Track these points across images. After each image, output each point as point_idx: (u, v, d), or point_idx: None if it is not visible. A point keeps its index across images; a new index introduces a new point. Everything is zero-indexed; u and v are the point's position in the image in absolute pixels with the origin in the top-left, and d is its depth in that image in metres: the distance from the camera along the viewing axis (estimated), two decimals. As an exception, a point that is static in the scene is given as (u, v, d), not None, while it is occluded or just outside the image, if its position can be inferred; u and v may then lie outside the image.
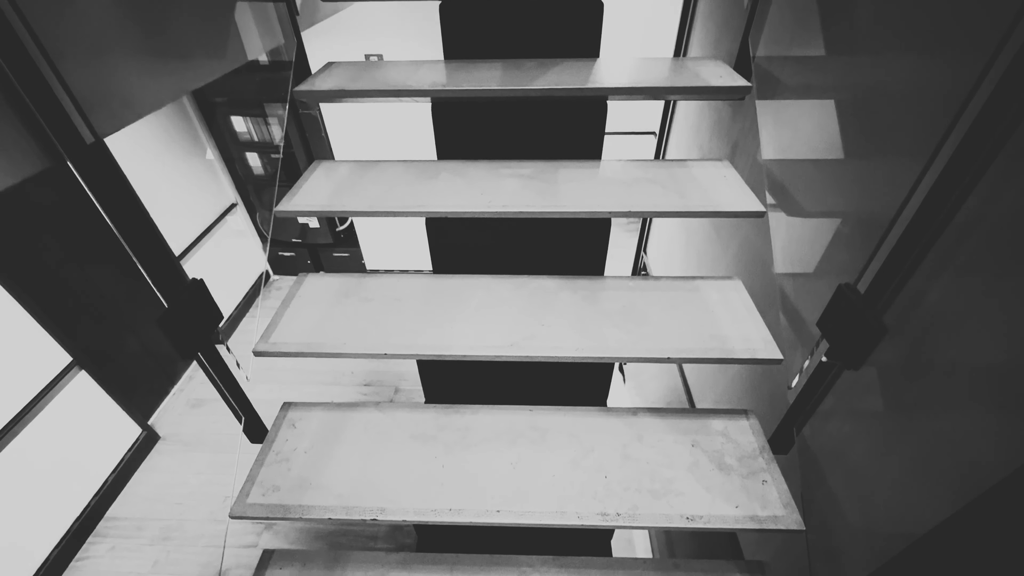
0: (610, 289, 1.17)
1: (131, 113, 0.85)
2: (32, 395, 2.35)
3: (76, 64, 0.74)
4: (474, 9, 1.34)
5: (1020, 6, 0.55)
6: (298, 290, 1.17)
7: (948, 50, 0.70)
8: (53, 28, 0.70)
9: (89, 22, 0.78)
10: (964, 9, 0.66)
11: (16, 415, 2.27)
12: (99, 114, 0.78)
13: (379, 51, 3.49)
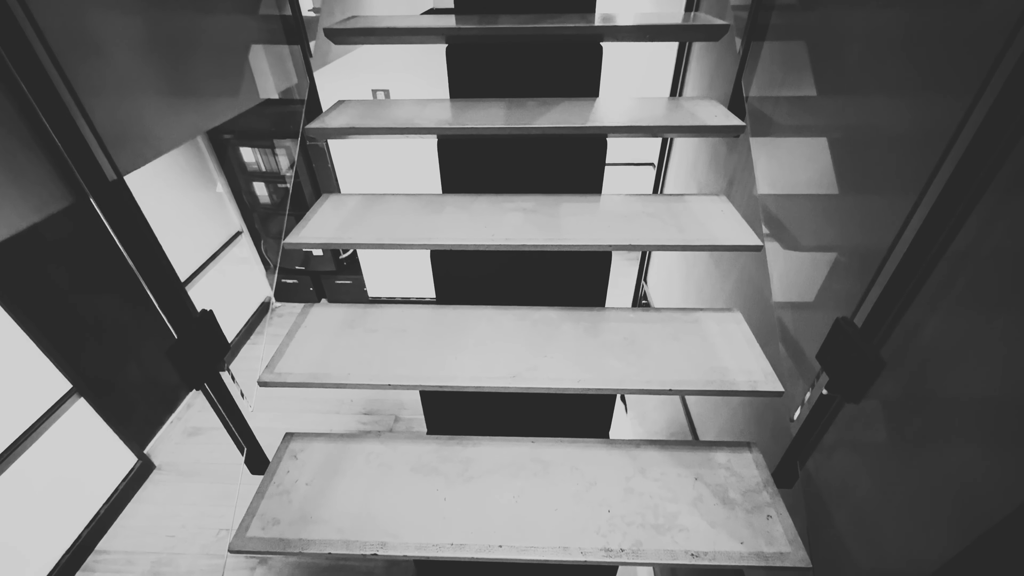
0: (611, 320, 1.18)
1: (151, 151, 0.89)
2: (30, 423, 2.34)
3: (101, 103, 0.78)
4: (479, 52, 1.40)
5: (1001, 49, 0.58)
6: (303, 320, 1.19)
7: (934, 91, 0.73)
8: (81, 67, 0.74)
9: (115, 62, 0.82)
10: (948, 52, 0.70)
11: (12, 444, 2.25)
12: (121, 152, 0.81)
13: (386, 86, 3.62)
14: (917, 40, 0.76)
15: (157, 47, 0.92)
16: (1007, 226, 0.61)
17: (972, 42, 0.65)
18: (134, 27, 0.86)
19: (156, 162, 3.49)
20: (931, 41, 0.73)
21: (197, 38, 1.02)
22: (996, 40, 0.59)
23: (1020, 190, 0.59)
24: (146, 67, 0.90)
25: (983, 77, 0.61)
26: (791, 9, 1.17)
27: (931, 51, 0.73)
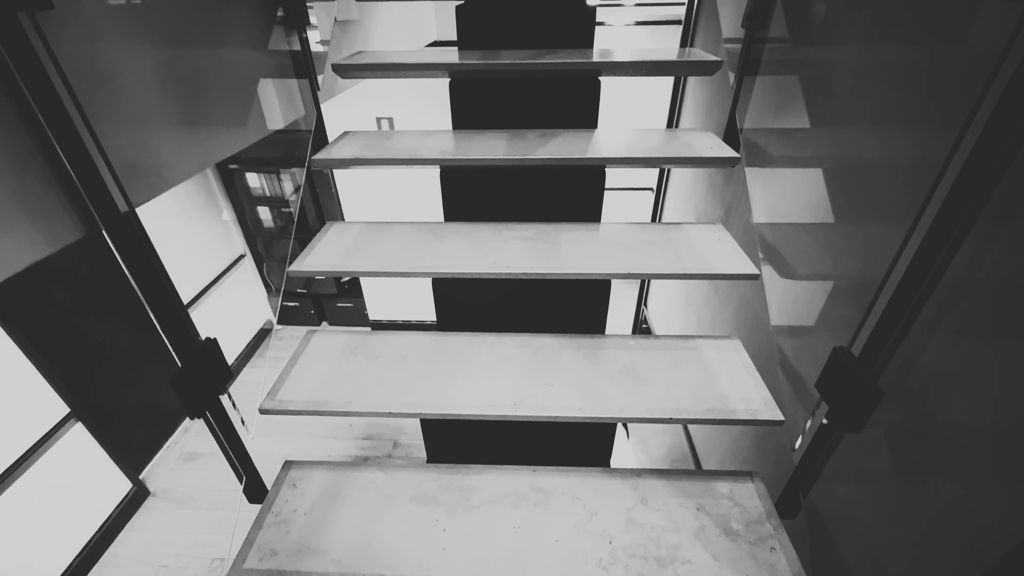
0: (611, 348, 1.19)
1: (162, 183, 0.91)
2: (26, 448, 2.31)
3: (116, 136, 0.80)
4: (481, 86, 1.45)
5: (985, 83, 0.60)
6: (305, 347, 1.20)
7: (923, 122, 0.74)
8: (97, 102, 0.76)
9: (130, 97, 0.86)
10: (935, 85, 0.72)
11: (6, 470, 2.23)
12: (134, 184, 0.84)
13: (390, 114, 3.71)
14: (904, 74, 0.79)
15: (172, 81, 0.95)
16: (1000, 253, 0.62)
17: (958, 76, 0.68)
18: (150, 62, 0.90)
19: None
20: (918, 75, 0.76)
21: (211, 73, 1.06)
22: (981, 73, 0.61)
23: (1011, 218, 0.60)
24: (160, 101, 0.93)
25: (970, 109, 0.62)
26: (782, 46, 1.21)
27: (918, 84, 0.76)
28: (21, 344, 2.30)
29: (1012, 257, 0.60)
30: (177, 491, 3.10)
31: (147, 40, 0.89)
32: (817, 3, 1.07)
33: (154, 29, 0.90)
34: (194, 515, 2.95)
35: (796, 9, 1.15)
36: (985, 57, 0.62)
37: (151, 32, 0.89)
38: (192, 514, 2.96)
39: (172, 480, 3.17)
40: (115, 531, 2.80)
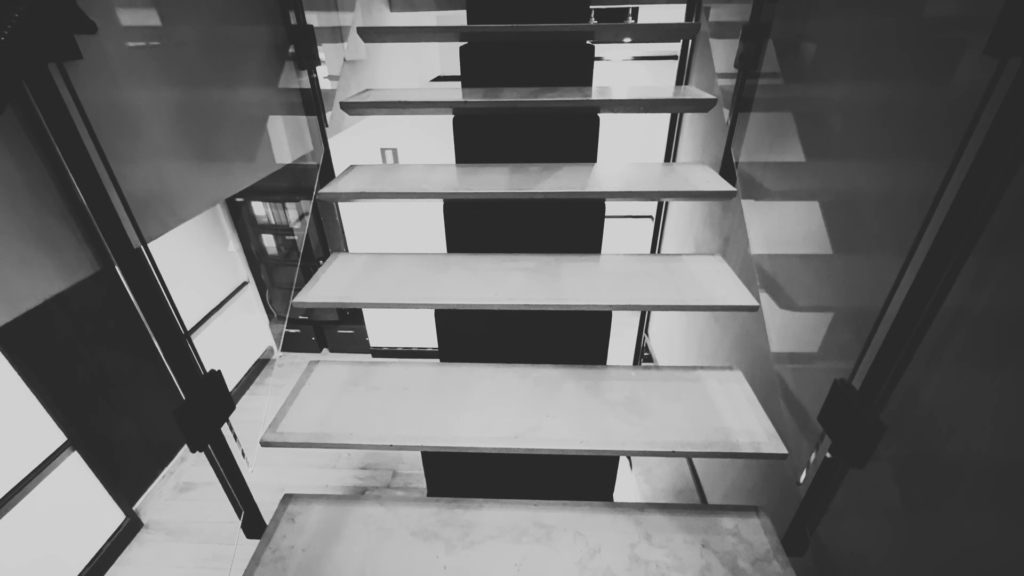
0: (613, 379, 1.19)
1: (175, 218, 0.94)
2: (20, 478, 2.28)
3: (132, 174, 0.83)
4: (484, 122, 1.50)
5: (973, 117, 0.63)
6: (308, 378, 1.20)
7: (914, 156, 0.76)
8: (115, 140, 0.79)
9: (146, 135, 0.89)
10: (924, 120, 0.74)
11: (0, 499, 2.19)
12: (147, 220, 0.86)
13: (394, 145, 3.80)
14: (894, 111, 0.81)
15: (187, 120, 0.99)
16: (998, 283, 0.63)
17: (945, 112, 0.70)
18: (167, 102, 0.94)
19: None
20: (907, 111, 0.78)
21: (224, 111, 1.11)
22: (968, 109, 0.63)
23: (1006, 248, 0.61)
24: (175, 139, 0.97)
25: (958, 144, 0.64)
26: (774, 84, 1.26)
27: (908, 120, 0.78)
28: (21, 372, 2.30)
29: (1009, 287, 0.61)
30: (170, 523, 3.03)
31: (165, 81, 0.93)
32: (806, 44, 1.11)
33: (172, 71, 0.94)
34: (187, 549, 2.88)
35: (786, 50, 1.19)
36: (971, 92, 0.64)
37: (169, 73, 0.94)
38: (186, 548, 2.89)
39: (166, 512, 3.11)
40: (106, 565, 2.73)
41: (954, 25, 0.71)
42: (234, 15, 1.13)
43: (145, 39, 0.87)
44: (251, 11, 1.19)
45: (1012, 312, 0.61)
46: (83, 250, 0.75)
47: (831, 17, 1.02)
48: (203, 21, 1.03)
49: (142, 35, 0.87)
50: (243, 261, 4.31)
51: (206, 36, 1.03)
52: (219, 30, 1.07)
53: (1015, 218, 0.60)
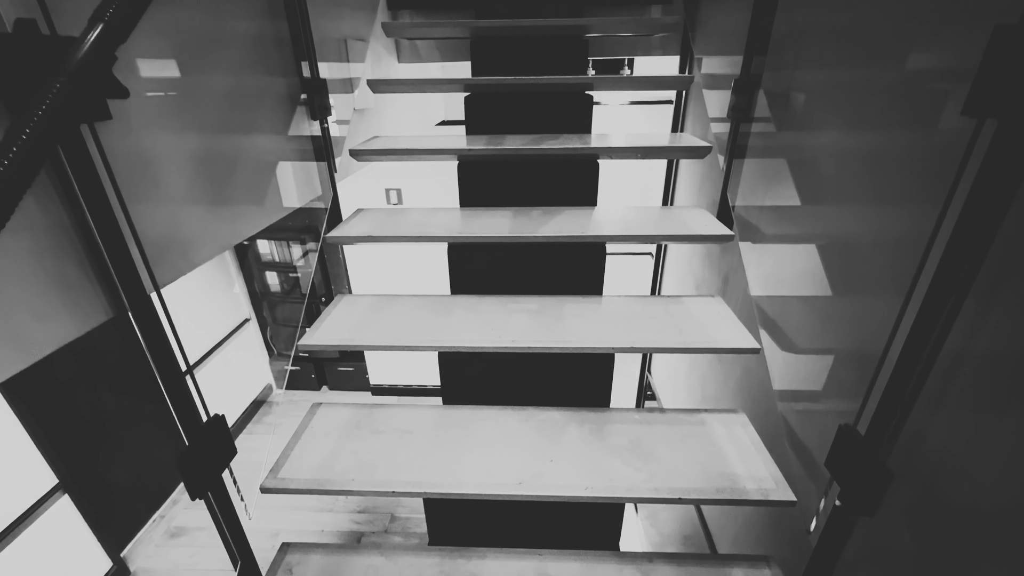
0: (616, 422, 1.19)
1: (187, 264, 0.96)
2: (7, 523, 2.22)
3: (149, 223, 0.86)
4: (487, 167, 1.55)
5: (959, 167, 0.65)
6: (310, 421, 1.20)
7: (905, 201, 0.78)
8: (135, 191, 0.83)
9: (165, 185, 0.92)
10: (913, 166, 0.76)
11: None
12: (161, 266, 0.89)
13: (398, 185, 3.90)
14: (884, 157, 0.83)
15: (203, 170, 1.03)
16: (995, 325, 0.63)
17: (935, 158, 0.72)
18: (185, 153, 0.98)
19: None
20: (897, 158, 0.80)
21: (239, 160, 1.15)
22: (955, 156, 0.65)
23: (1002, 289, 0.62)
24: (191, 188, 1.00)
25: (947, 190, 0.66)
26: (766, 132, 1.31)
27: (898, 166, 0.80)
28: (18, 410, 2.28)
29: (1007, 329, 0.61)
30: (159, 571, 2.92)
31: (185, 133, 0.98)
32: (796, 95, 1.17)
33: (192, 123, 0.99)
34: (174, 599, 2.76)
35: (777, 100, 1.25)
36: (955, 145, 0.67)
37: (189, 126, 0.99)
38: (172, 598, 2.77)
39: (155, 558, 2.99)
40: (88, 618, 2.60)
41: (937, 78, 0.74)
42: (252, 69, 1.19)
43: (168, 95, 0.93)
44: (268, 65, 1.26)
45: (1013, 354, 0.61)
46: (98, 297, 0.77)
47: (818, 69, 1.07)
48: (223, 75, 1.09)
49: (165, 92, 0.92)
50: (246, 298, 4.33)
51: (225, 89, 1.09)
52: (238, 83, 1.13)
53: (1008, 261, 0.62)
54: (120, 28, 0.60)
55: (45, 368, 2.49)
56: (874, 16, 0.88)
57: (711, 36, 1.73)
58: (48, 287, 0.70)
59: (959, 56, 0.71)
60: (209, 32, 1.02)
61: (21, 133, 0.49)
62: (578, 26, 1.71)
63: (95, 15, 0.59)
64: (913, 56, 0.80)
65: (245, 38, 1.16)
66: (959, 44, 0.71)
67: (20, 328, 0.66)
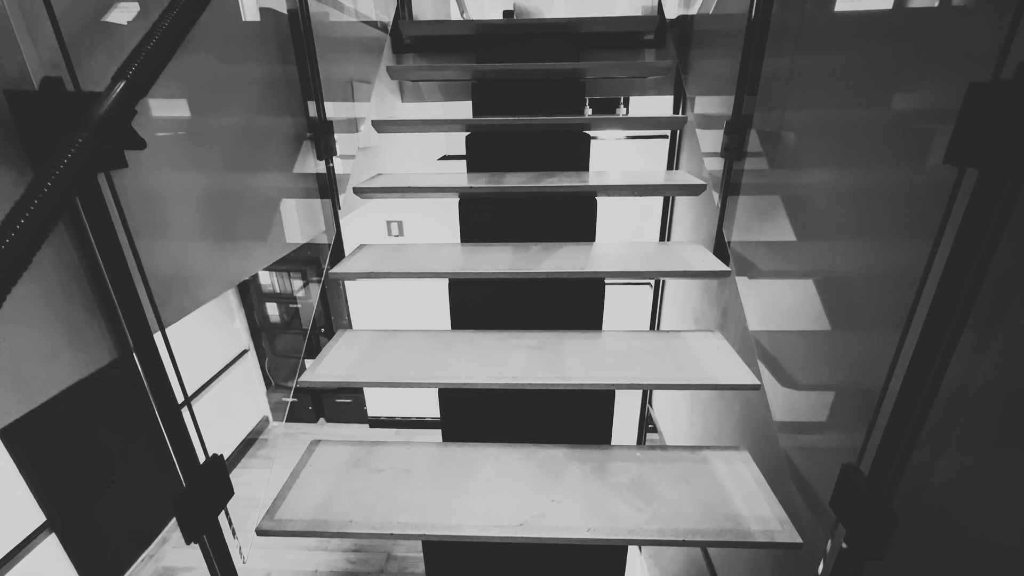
0: (618, 460, 1.18)
1: (193, 303, 0.98)
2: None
3: (157, 264, 0.88)
4: (487, 203, 1.59)
5: (947, 204, 0.67)
6: (308, 459, 1.18)
7: (898, 236, 0.79)
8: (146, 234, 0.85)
9: (174, 228, 0.95)
10: (903, 203, 0.78)
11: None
12: (167, 306, 0.90)
13: (399, 218, 3.95)
14: (875, 194, 0.85)
15: (211, 210, 1.06)
16: (993, 362, 0.64)
17: (923, 194, 0.74)
18: (194, 193, 1.00)
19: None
20: (887, 195, 0.82)
21: (245, 201, 1.18)
22: (943, 191, 0.67)
23: (997, 324, 0.63)
24: (199, 229, 1.03)
25: (938, 225, 0.67)
26: (759, 170, 1.35)
27: (889, 203, 0.81)
28: (9, 447, 2.24)
29: (1004, 363, 0.61)
30: (145, 615, 2.81)
31: (194, 176, 1.01)
32: (786, 134, 1.21)
33: (201, 166, 1.02)
34: (160, 646, 2.64)
35: (769, 139, 1.29)
36: (942, 184, 0.68)
37: (199, 169, 1.02)
38: (158, 645, 2.65)
39: (141, 602, 2.88)
40: (68, 667, 2.49)
41: (922, 118, 0.77)
42: (261, 111, 1.24)
43: (179, 137, 0.96)
44: (276, 107, 1.30)
45: (1011, 389, 0.61)
46: (104, 338, 0.78)
47: (806, 110, 1.11)
48: (233, 116, 1.12)
49: (176, 134, 0.95)
50: (245, 330, 4.33)
51: (235, 130, 1.13)
52: (247, 124, 1.17)
53: (1001, 296, 0.63)
54: (141, 85, 0.63)
55: (43, 404, 2.46)
56: (857, 61, 0.92)
57: (702, 78, 1.80)
58: (56, 329, 0.71)
59: (941, 99, 0.73)
60: (221, 76, 1.06)
61: (43, 187, 0.51)
62: (575, 70, 1.78)
63: (118, 73, 0.63)
64: (898, 97, 0.83)
65: (255, 81, 1.21)
66: (940, 90, 0.74)
67: (26, 371, 0.67)
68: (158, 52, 0.66)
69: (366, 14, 1.92)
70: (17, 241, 0.48)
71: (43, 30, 0.65)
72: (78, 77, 0.68)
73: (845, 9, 0.98)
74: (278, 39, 1.30)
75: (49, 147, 0.62)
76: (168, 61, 0.68)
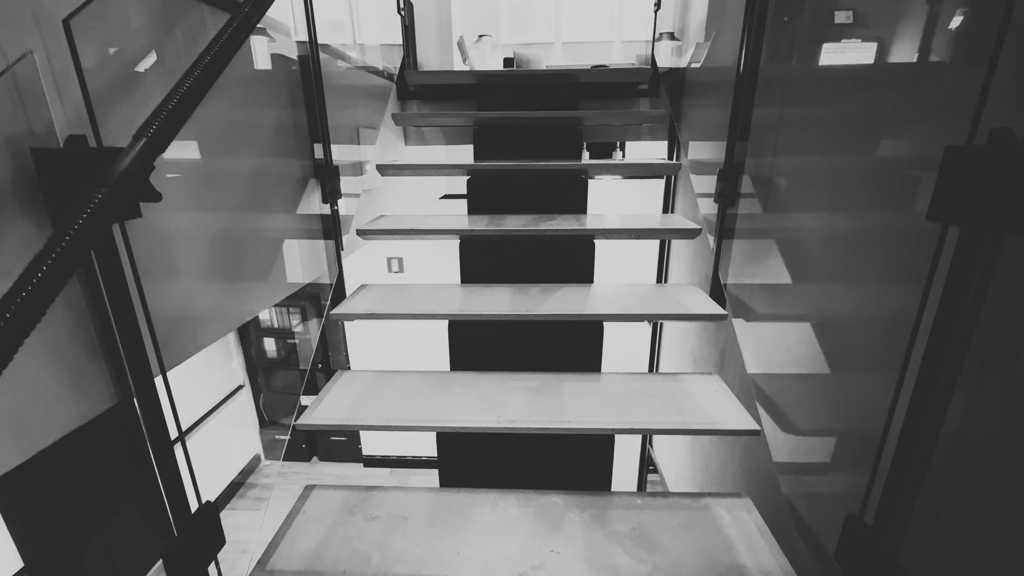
0: (618, 507, 1.15)
1: (194, 346, 0.98)
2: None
3: (162, 308, 0.89)
4: (487, 245, 1.62)
5: (935, 252, 0.69)
6: (302, 505, 1.16)
7: (891, 281, 0.80)
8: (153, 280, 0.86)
9: (180, 273, 0.96)
10: (894, 247, 0.79)
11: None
12: (168, 351, 0.91)
13: (399, 254, 4.00)
14: (866, 239, 0.87)
15: (217, 255, 1.08)
16: (990, 406, 0.64)
17: (913, 239, 0.75)
18: (201, 239, 1.03)
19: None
20: (878, 239, 0.84)
21: (251, 244, 1.21)
22: (931, 236, 0.68)
23: (993, 369, 0.63)
24: (204, 274, 1.04)
25: (929, 268, 0.68)
26: (752, 214, 1.38)
27: (881, 247, 0.83)
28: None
29: (1004, 408, 0.62)
30: (121, 671, 2.65)
31: (203, 223, 1.03)
32: (778, 179, 1.24)
33: (210, 212, 1.05)
34: None
35: (761, 184, 1.33)
36: (929, 230, 0.69)
37: (208, 216, 1.05)
38: None
39: (118, 655, 2.72)
40: None
41: (909, 166, 0.79)
42: (270, 156, 1.28)
43: (190, 184, 0.99)
44: (285, 152, 1.35)
45: (1010, 435, 0.61)
46: (107, 384, 0.78)
47: (796, 157, 1.15)
48: (243, 161, 1.16)
49: (188, 181, 0.99)
50: (241, 366, 4.29)
51: (244, 175, 1.17)
52: (256, 169, 1.21)
53: (994, 341, 0.64)
54: (161, 143, 0.66)
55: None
56: (842, 112, 0.96)
57: (695, 125, 1.88)
58: (61, 376, 0.71)
59: (925, 148, 0.75)
60: (232, 122, 1.11)
61: (60, 242, 0.53)
62: (572, 118, 1.86)
63: (140, 131, 0.66)
64: (884, 145, 0.84)
65: (265, 127, 1.25)
66: (923, 141, 0.77)
67: (28, 417, 0.67)
68: (178, 111, 0.69)
69: (374, 64, 2.01)
70: (33, 294, 0.49)
71: (71, 90, 0.69)
72: (100, 133, 0.71)
73: (828, 63, 1.03)
74: (289, 87, 1.36)
75: (69, 201, 0.65)
76: (187, 119, 0.72)
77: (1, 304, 0.48)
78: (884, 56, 0.88)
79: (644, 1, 2.96)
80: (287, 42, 1.36)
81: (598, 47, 5.08)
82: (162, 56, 0.90)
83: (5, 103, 0.60)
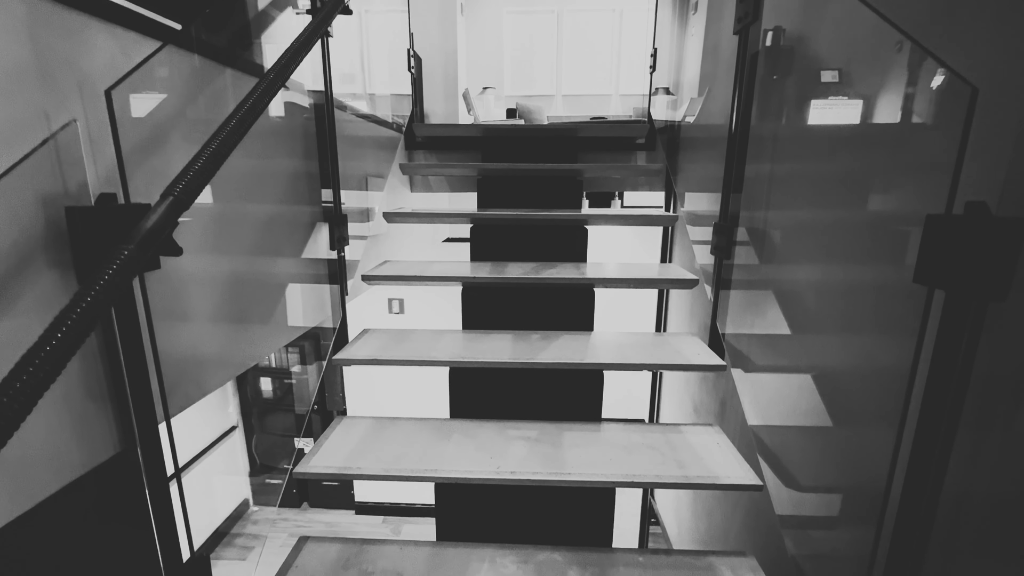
0: (620, 565, 1.12)
1: (199, 392, 0.99)
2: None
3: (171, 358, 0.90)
4: (489, 292, 1.65)
5: (923, 313, 0.70)
6: (295, 559, 1.13)
7: (886, 334, 0.81)
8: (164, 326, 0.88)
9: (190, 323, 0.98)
10: (888, 300, 0.81)
11: None
12: (173, 395, 0.91)
13: (401, 296, 4.04)
14: (857, 293, 0.89)
15: (225, 304, 1.10)
16: (990, 464, 0.64)
17: (904, 294, 0.76)
18: (211, 288, 1.05)
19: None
20: (872, 293, 0.85)
21: (258, 293, 1.23)
22: (922, 294, 0.70)
23: (991, 426, 0.63)
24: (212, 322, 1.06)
25: (920, 320, 0.69)
26: (748, 265, 1.41)
27: (875, 300, 0.84)
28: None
29: (1003, 468, 0.62)
30: None
31: (214, 272, 1.06)
32: (772, 231, 1.28)
33: (223, 262, 1.09)
34: None
35: (756, 236, 1.37)
36: (918, 291, 0.71)
37: (219, 265, 1.08)
38: None
39: None
40: None
41: (896, 222, 0.81)
42: (281, 203, 1.32)
43: (205, 235, 1.03)
44: (296, 199, 1.40)
45: (1013, 492, 0.61)
46: (110, 432, 0.79)
47: (789, 210, 1.18)
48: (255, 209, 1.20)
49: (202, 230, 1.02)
50: (236, 407, 4.23)
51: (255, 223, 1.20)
52: (267, 217, 1.25)
53: (989, 400, 0.65)
54: (187, 201, 0.70)
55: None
56: (830, 169, 1.00)
57: (690, 178, 1.95)
58: (68, 425, 0.72)
59: (911, 206, 0.77)
60: (247, 173, 1.15)
61: (86, 297, 0.56)
62: (573, 170, 1.94)
63: (167, 190, 0.70)
64: (874, 200, 0.87)
65: (278, 176, 1.31)
66: (908, 201, 0.80)
67: (30, 470, 0.67)
68: (205, 171, 0.74)
69: (384, 116, 2.12)
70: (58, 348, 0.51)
71: (106, 152, 0.73)
72: (129, 189, 0.75)
73: (815, 123, 1.09)
74: (304, 139, 1.43)
75: (97, 254, 0.68)
76: (212, 178, 0.76)
77: (26, 358, 0.49)
78: (869, 117, 0.93)
79: (640, 57, 3.13)
80: (301, 97, 1.44)
81: (597, 99, 5.33)
82: (187, 116, 0.96)
83: (45, 165, 0.65)
